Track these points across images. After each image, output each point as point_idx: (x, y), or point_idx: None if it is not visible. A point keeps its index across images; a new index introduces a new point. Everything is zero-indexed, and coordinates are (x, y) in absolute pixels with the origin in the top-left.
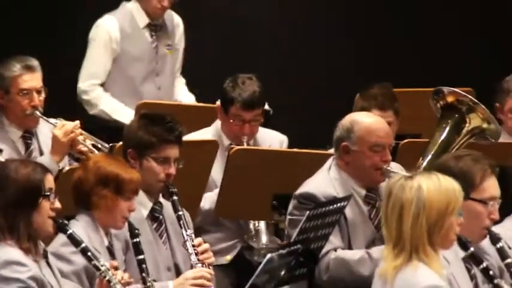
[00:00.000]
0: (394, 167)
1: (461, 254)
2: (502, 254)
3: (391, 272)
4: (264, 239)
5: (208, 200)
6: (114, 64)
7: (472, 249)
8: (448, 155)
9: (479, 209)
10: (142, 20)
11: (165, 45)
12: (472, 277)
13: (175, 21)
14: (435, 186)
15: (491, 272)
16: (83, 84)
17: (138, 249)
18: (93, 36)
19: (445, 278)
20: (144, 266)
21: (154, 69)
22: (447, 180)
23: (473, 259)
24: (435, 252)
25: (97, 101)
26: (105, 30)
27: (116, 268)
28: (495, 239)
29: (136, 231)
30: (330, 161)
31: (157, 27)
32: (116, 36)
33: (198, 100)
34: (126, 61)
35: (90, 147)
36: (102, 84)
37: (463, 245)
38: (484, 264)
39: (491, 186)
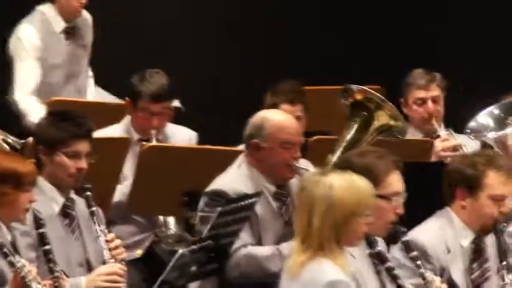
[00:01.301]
0: (304, 163)
1: (367, 250)
2: (406, 248)
3: (297, 266)
4: (172, 226)
5: (118, 192)
6: None
7: (378, 248)
8: (352, 152)
9: (383, 204)
10: (58, 24)
11: (79, 46)
12: (378, 272)
13: (85, 17)
14: (347, 185)
15: (394, 272)
16: (18, 94)
17: (43, 239)
18: (16, 50)
19: (349, 274)
20: (50, 256)
21: (73, 72)
22: (360, 180)
23: (378, 258)
24: (341, 249)
25: (28, 112)
26: (28, 41)
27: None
28: (400, 234)
29: (41, 221)
30: (240, 157)
31: (73, 29)
32: (38, 45)
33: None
34: (47, 68)
35: (1, 142)
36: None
37: (370, 244)
38: (388, 264)
39: (395, 182)
